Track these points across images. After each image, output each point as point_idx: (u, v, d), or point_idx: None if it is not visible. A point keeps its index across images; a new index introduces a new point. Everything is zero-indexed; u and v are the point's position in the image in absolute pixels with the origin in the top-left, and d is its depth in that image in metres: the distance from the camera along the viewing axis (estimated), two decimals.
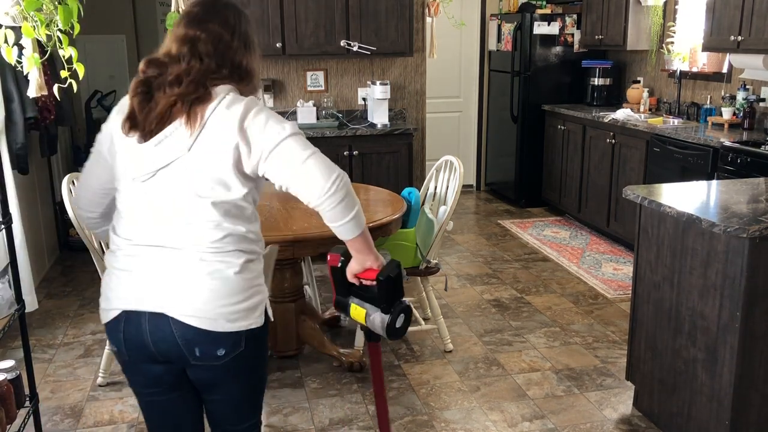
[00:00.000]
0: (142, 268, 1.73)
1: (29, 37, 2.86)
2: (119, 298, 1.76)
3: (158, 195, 1.70)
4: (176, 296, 1.71)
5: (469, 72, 7.28)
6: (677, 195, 2.88)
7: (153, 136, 1.67)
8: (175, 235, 1.70)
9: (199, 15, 1.74)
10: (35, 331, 3.91)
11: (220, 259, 1.71)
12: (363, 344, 3.55)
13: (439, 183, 3.72)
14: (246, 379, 1.88)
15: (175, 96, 1.66)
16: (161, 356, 1.77)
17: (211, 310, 1.71)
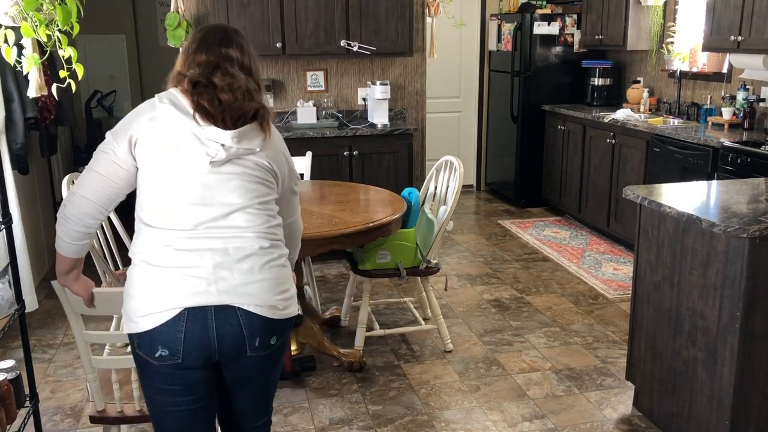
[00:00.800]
0: (202, 262, 1.75)
1: (29, 37, 2.86)
2: (178, 295, 1.73)
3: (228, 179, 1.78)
4: (243, 286, 1.76)
5: (469, 72, 7.28)
6: (677, 195, 2.87)
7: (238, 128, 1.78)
8: (237, 220, 1.79)
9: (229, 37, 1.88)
10: (35, 331, 3.91)
11: (274, 249, 1.85)
12: (363, 344, 3.55)
13: (439, 183, 3.72)
14: (275, 372, 1.98)
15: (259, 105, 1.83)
16: (218, 353, 1.78)
17: (271, 299, 1.80)
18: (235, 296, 1.75)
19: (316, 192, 3.82)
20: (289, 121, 5.44)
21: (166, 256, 1.76)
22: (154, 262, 1.77)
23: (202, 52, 1.83)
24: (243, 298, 1.76)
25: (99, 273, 3.28)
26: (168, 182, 1.77)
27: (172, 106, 1.77)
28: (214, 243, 1.76)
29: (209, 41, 1.86)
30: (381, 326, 3.79)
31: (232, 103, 1.78)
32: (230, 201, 1.78)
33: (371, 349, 3.68)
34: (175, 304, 1.73)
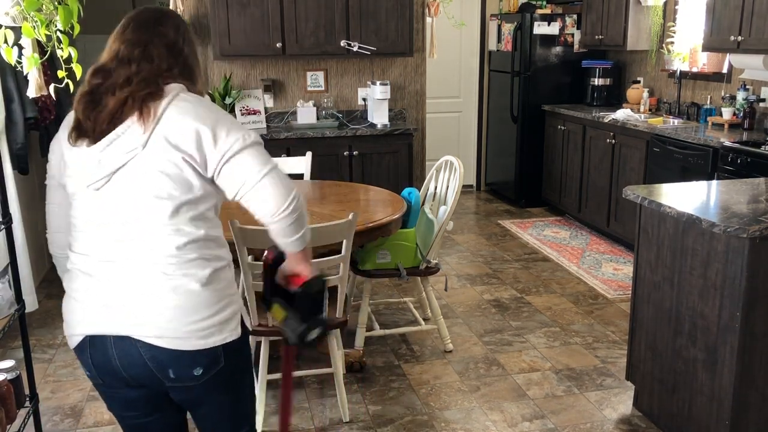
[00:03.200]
0: (101, 287, 1.62)
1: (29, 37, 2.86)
2: (80, 322, 1.65)
3: (114, 202, 1.60)
4: (140, 316, 1.60)
5: (469, 72, 7.28)
6: (677, 195, 2.87)
7: (105, 137, 1.58)
8: (133, 246, 1.60)
9: (150, 20, 1.71)
10: (35, 331, 3.91)
11: (184, 271, 1.61)
12: (363, 344, 3.55)
13: (439, 183, 3.72)
14: (232, 393, 1.79)
15: (126, 93, 1.58)
16: (134, 381, 1.67)
17: (179, 329, 1.60)
18: (132, 326, 1.60)
19: (316, 192, 3.82)
20: (289, 121, 5.44)
21: (73, 280, 1.68)
22: (67, 284, 1.72)
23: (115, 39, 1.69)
24: (140, 329, 1.60)
25: None
26: (73, 205, 1.67)
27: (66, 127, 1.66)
28: (112, 268, 1.61)
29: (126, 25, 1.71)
30: (381, 326, 3.79)
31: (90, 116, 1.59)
32: (125, 222, 1.60)
33: (371, 349, 3.68)
34: (77, 330, 1.67)
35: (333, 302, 2.99)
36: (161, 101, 1.60)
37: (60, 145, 1.68)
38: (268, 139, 4.99)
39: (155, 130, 1.58)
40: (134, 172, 1.58)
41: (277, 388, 3.26)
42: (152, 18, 1.72)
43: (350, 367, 3.43)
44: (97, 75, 1.64)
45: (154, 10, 1.76)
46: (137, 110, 1.57)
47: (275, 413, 3.06)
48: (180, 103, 1.61)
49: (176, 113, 1.60)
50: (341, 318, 2.96)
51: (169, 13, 1.78)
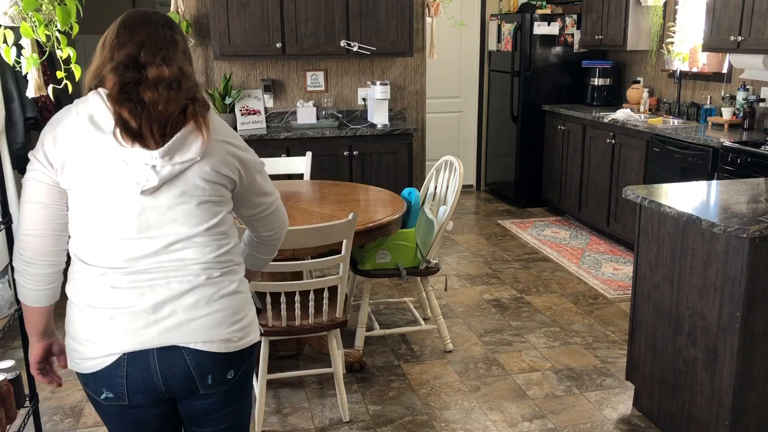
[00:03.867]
0: (140, 300, 1.57)
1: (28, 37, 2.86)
2: (116, 339, 1.57)
3: (161, 208, 1.56)
4: (187, 323, 1.58)
5: (469, 72, 7.28)
6: (677, 195, 2.87)
7: (164, 143, 1.52)
8: (176, 253, 1.58)
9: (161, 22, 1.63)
10: None
11: (226, 277, 1.64)
12: (363, 344, 3.55)
13: (439, 183, 3.72)
14: (242, 400, 1.78)
15: (184, 101, 1.53)
16: (167, 394, 1.64)
17: (223, 332, 1.62)
18: (180, 335, 1.58)
19: (316, 192, 3.82)
20: (289, 121, 5.44)
21: (101, 296, 1.58)
22: (90, 302, 1.60)
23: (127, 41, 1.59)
24: (188, 336, 1.58)
25: None
26: (99, 214, 1.56)
27: (90, 124, 1.53)
28: (155, 278, 1.57)
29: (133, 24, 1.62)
30: (381, 326, 3.79)
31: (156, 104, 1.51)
32: (171, 231, 1.57)
33: (371, 349, 3.68)
34: (113, 349, 1.57)
35: (333, 302, 2.99)
36: (209, 111, 1.60)
37: (65, 155, 1.54)
38: (268, 139, 4.99)
39: (207, 141, 1.56)
40: (188, 180, 1.57)
41: (279, 388, 3.26)
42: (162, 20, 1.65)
43: (350, 367, 3.43)
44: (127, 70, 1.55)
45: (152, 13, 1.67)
46: (200, 118, 1.55)
47: (275, 413, 3.06)
48: (216, 119, 1.65)
49: (219, 126, 1.64)
50: (341, 318, 2.96)
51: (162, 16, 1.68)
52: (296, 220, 3.11)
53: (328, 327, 2.94)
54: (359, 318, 3.54)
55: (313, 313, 2.90)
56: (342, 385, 3.04)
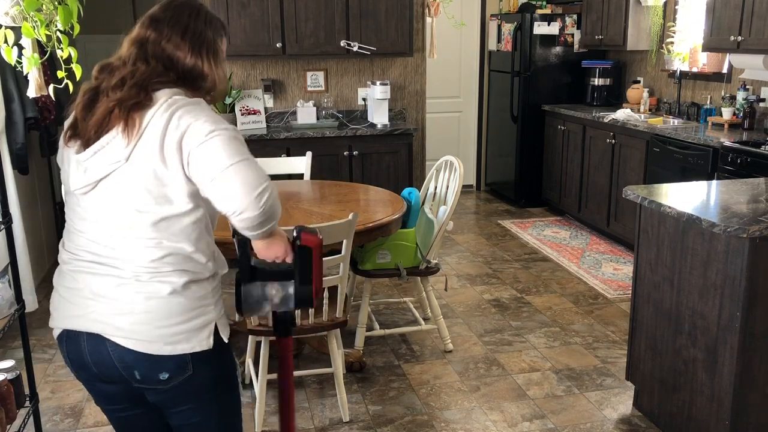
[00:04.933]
0: (81, 286, 1.65)
1: (29, 37, 2.86)
2: (60, 316, 1.70)
3: (99, 208, 1.61)
4: (112, 317, 1.61)
5: (469, 72, 7.28)
6: (677, 195, 2.88)
7: (90, 145, 1.57)
8: (114, 251, 1.61)
9: (155, 15, 1.66)
10: (35, 331, 3.91)
11: (158, 279, 1.61)
12: (363, 344, 3.55)
13: (439, 183, 3.72)
14: (209, 408, 1.75)
15: (114, 101, 1.55)
16: (105, 377, 1.69)
17: (147, 332, 1.61)
18: (105, 326, 1.62)
19: (316, 192, 3.82)
20: (289, 121, 5.44)
21: (60, 274, 1.73)
22: (55, 279, 1.76)
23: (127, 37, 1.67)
24: (112, 330, 1.62)
25: None
26: (66, 203, 1.71)
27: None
28: (94, 268, 1.64)
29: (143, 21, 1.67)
30: (381, 326, 3.79)
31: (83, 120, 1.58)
32: (107, 227, 1.62)
33: (371, 349, 3.68)
34: (57, 323, 1.73)
35: (333, 302, 2.99)
36: (147, 111, 1.55)
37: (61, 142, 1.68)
38: (268, 139, 4.99)
39: (138, 143, 1.55)
40: (117, 184, 1.58)
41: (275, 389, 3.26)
42: (158, 12, 1.67)
43: (350, 367, 3.43)
44: (101, 72, 1.63)
45: (165, 3, 1.68)
46: (122, 120, 1.54)
47: (275, 413, 3.06)
48: (161, 116, 1.55)
49: (157, 126, 1.54)
50: (341, 318, 2.96)
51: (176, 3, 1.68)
52: (296, 220, 3.11)
53: (328, 327, 2.94)
54: (359, 318, 3.54)
55: (313, 313, 2.90)
56: (342, 385, 3.04)
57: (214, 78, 1.70)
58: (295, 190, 3.82)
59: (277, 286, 1.80)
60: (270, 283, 1.79)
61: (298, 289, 1.79)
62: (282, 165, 4.25)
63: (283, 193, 3.69)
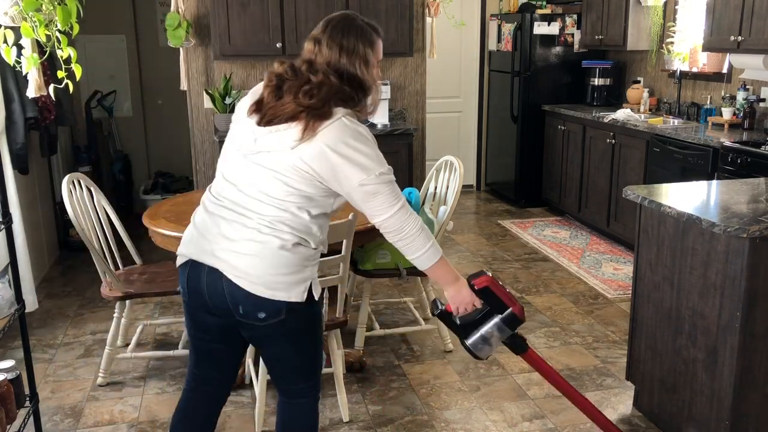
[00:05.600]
0: (213, 225, 2.00)
1: (28, 37, 2.86)
2: (190, 247, 2.04)
3: (253, 170, 1.96)
4: (231, 257, 1.95)
5: (469, 72, 7.28)
6: (677, 195, 2.88)
7: (270, 126, 1.93)
8: (248, 204, 1.96)
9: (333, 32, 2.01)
10: (35, 331, 3.91)
11: (274, 234, 1.94)
12: (363, 344, 3.55)
13: (439, 183, 3.72)
14: (293, 347, 2.09)
15: (303, 107, 1.89)
16: (214, 308, 2.01)
17: (255, 276, 1.93)
18: (224, 264, 1.95)
19: None
20: None
21: (199, 213, 2.08)
22: (193, 215, 2.11)
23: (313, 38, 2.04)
24: (229, 268, 1.95)
25: (99, 273, 3.28)
26: (224, 158, 2.07)
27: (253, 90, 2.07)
28: (227, 215, 1.98)
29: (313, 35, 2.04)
30: (381, 326, 3.79)
31: (270, 103, 1.95)
32: (249, 187, 1.97)
33: (371, 349, 3.68)
34: (185, 251, 2.06)
35: (333, 302, 2.99)
36: (324, 122, 1.90)
37: (239, 107, 2.07)
38: None
39: (306, 142, 1.89)
40: (276, 160, 1.93)
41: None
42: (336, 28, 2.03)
43: (350, 367, 3.43)
44: (288, 67, 1.98)
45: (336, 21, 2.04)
46: (304, 122, 1.89)
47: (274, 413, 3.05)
48: (331, 130, 1.90)
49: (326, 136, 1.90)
50: (341, 318, 2.96)
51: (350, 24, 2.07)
52: None
53: (328, 327, 2.94)
54: (359, 318, 3.54)
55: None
56: (342, 385, 3.04)
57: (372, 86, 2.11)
58: None
59: (488, 327, 2.21)
60: (480, 328, 2.21)
61: (503, 317, 2.20)
62: None
63: None
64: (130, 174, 6.49)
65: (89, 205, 3.27)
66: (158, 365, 3.53)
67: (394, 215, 2.00)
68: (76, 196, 3.17)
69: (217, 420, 2.32)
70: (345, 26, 2.04)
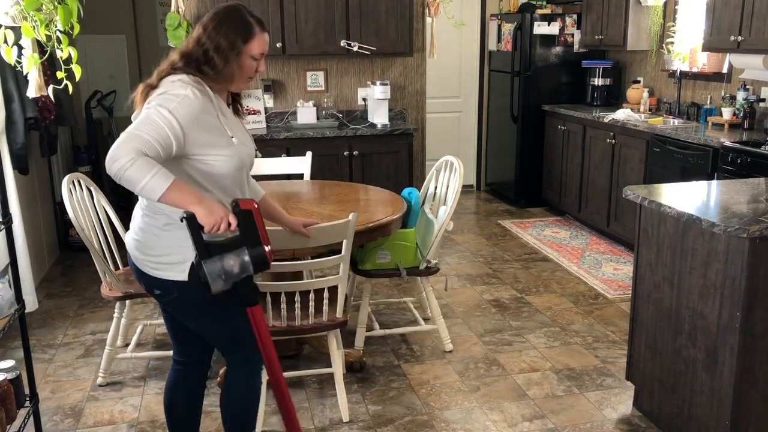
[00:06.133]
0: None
1: (29, 37, 2.86)
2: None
3: None
4: (129, 236, 2.25)
5: (469, 72, 7.28)
6: (677, 195, 2.88)
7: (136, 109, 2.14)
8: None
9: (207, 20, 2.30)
10: (35, 331, 3.91)
11: (150, 216, 2.15)
12: (363, 344, 3.55)
13: (439, 183, 3.72)
14: (198, 322, 2.28)
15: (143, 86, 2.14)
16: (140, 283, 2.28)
17: (140, 257, 2.19)
18: (127, 244, 2.26)
19: (316, 192, 3.82)
20: (289, 121, 5.44)
21: None
22: None
23: None
24: (128, 248, 2.25)
25: (99, 273, 3.28)
26: None
27: None
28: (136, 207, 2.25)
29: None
30: (381, 326, 3.79)
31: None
32: None
33: (371, 349, 3.68)
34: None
35: (333, 302, 2.99)
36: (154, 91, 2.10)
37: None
38: (268, 139, 4.99)
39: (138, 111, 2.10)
40: None
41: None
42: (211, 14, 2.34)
43: (350, 367, 3.43)
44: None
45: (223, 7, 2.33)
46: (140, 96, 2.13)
47: (276, 413, 3.06)
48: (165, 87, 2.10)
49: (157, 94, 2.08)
50: (341, 318, 2.96)
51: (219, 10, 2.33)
52: None
53: (328, 327, 2.94)
54: (359, 318, 3.54)
55: (313, 313, 2.90)
56: (342, 385, 3.04)
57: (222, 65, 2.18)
58: (295, 190, 3.82)
59: (233, 255, 1.96)
60: (226, 255, 1.96)
61: (252, 252, 1.97)
62: (282, 165, 4.25)
63: (283, 193, 3.69)
64: None
65: (89, 205, 3.27)
66: (158, 365, 3.53)
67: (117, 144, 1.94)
68: (76, 196, 3.17)
69: (203, 394, 2.54)
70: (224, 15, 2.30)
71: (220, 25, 2.22)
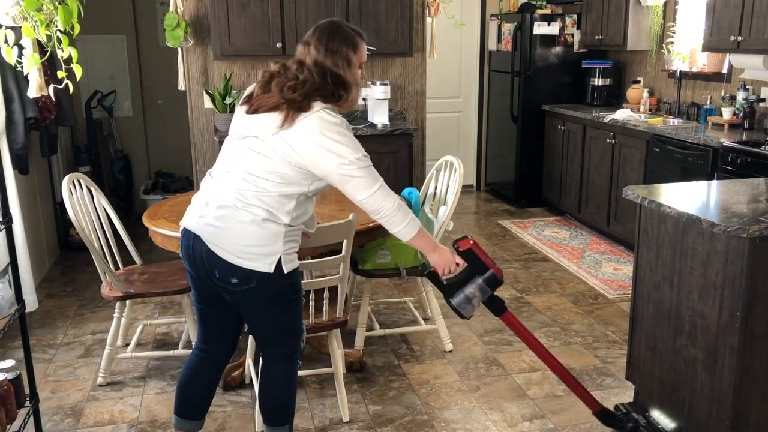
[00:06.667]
0: (202, 198, 2.33)
1: (29, 37, 2.86)
2: (186, 216, 2.37)
3: (241, 151, 2.27)
4: (210, 227, 2.26)
5: (469, 72, 7.28)
6: (677, 195, 2.88)
7: (256, 114, 2.25)
8: (232, 180, 2.26)
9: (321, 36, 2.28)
10: (35, 331, 3.91)
11: (247, 209, 2.23)
12: (363, 344, 3.56)
13: (439, 183, 3.72)
14: (264, 314, 2.39)
15: (285, 100, 2.20)
16: (199, 271, 2.33)
17: (227, 245, 2.24)
18: (204, 232, 2.28)
19: None
20: None
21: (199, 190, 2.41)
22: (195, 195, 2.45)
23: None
24: (208, 235, 2.27)
25: (99, 273, 3.28)
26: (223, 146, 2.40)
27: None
28: (214, 190, 2.31)
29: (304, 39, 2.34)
30: (381, 326, 3.79)
31: (258, 95, 2.27)
32: (235, 166, 2.28)
33: (371, 349, 3.68)
34: (182, 222, 2.39)
35: (333, 302, 2.99)
36: (302, 114, 2.19)
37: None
38: None
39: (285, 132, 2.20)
40: (261, 141, 2.23)
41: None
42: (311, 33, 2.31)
43: (350, 367, 3.43)
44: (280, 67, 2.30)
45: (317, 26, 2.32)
46: (284, 113, 2.20)
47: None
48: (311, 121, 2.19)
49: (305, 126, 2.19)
50: (341, 318, 2.96)
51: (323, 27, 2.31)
52: None
53: (328, 327, 2.95)
54: (359, 318, 3.54)
55: (314, 313, 2.90)
56: (342, 385, 3.04)
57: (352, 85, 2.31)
58: None
59: (470, 286, 2.38)
60: (464, 288, 2.38)
61: (485, 278, 2.37)
62: None
63: None
64: (130, 174, 6.49)
65: (89, 205, 3.27)
66: (158, 365, 3.54)
67: (371, 196, 2.27)
68: (77, 196, 3.17)
69: (215, 387, 2.63)
70: (331, 30, 2.29)
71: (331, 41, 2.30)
